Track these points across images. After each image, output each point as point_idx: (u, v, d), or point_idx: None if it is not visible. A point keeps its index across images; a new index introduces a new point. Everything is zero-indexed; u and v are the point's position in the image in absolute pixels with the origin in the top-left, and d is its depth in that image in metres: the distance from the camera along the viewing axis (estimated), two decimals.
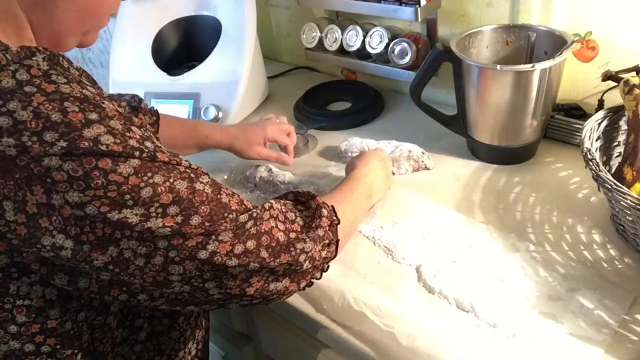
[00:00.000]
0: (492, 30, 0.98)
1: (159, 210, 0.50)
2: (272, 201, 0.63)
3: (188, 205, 0.52)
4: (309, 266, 0.62)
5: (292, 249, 0.60)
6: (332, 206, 0.68)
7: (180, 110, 1.16)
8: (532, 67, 0.83)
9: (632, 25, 0.89)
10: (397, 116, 1.19)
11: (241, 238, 0.56)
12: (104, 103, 0.51)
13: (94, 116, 0.49)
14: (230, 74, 1.15)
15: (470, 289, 0.71)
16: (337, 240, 0.66)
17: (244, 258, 0.55)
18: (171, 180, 0.52)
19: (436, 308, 0.70)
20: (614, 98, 0.85)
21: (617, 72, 0.82)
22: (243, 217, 0.57)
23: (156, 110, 0.95)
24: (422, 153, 0.98)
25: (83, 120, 0.48)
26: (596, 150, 0.80)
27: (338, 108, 1.22)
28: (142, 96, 1.17)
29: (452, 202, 0.89)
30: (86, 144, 0.47)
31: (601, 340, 0.63)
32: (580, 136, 0.78)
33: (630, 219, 0.69)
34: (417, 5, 1.02)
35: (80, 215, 0.47)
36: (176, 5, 1.25)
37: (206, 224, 0.53)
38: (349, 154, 1.01)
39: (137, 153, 0.50)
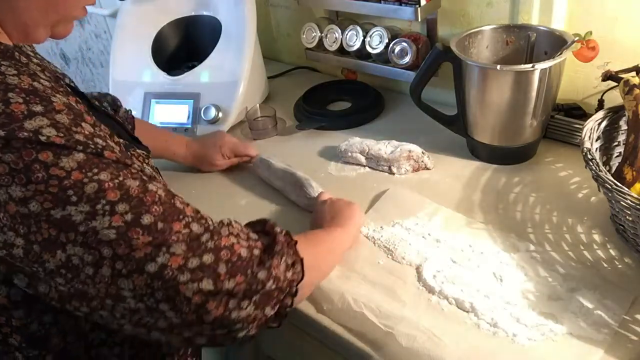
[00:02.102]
0: (492, 30, 0.98)
1: (107, 207, 0.47)
2: (231, 218, 0.58)
3: (138, 203, 0.49)
4: (273, 287, 0.56)
5: (252, 268, 0.54)
6: (287, 231, 0.62)
7: (180, 110, 1.16)
8: (532, 67, 0.83)
9: (632, 25, 0.89)
10: (397, 116, 1.19)
11: (197, 251, 0.51)
12: (54, 97, 0.49)
13: (38, 108, 0.47)
14: (230, 74, 1.15)
15: (470, 289, 0.71)
16: (302, 259, 0.60)
17: (198, 273, 0.50)
18: (120, 178, 0.49)
19: (436, 308, 0.70)
20: (614, 98, 0.85)
21: (617, 72, 0.82)
22: (197, 228, 0.52)
23: (132, 117, 0.95)
24: (422, 153, 0.98)
25: (25, 112, 0.46)
26: (596, 150, 0.80)
27: (338, 108, 1.23)
28: (142, 96, 1.18)
29: (452, 202, 0.89)
30: (26, 134, 0.45)
31: (601, 340, 0.63)
32: (580, 136, 0.78)
33: (630, 219, 0.69)
34: (417, 5, 1.02)
35: (25, 212, 0.46)
36: (176, 5, 1.26)
37: (159, 224, 0.49)
38: (349, 154, 1.01)
39: (81, 147, 0.48)
